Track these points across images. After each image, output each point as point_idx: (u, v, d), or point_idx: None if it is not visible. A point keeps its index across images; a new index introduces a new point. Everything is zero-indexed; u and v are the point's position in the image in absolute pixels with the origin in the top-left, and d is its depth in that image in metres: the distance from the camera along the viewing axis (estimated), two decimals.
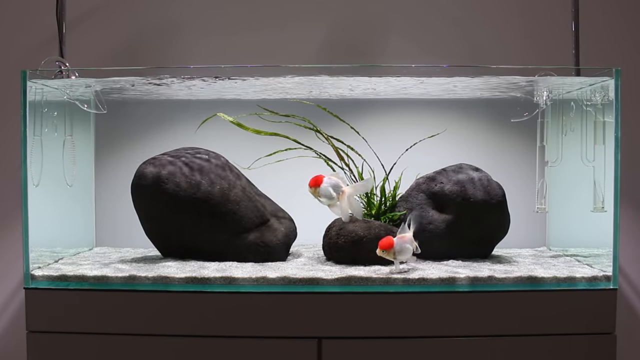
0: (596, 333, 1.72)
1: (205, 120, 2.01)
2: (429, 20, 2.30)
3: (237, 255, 1.91)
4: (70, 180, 2.09)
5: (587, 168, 1.90)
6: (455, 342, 1.72)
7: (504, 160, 2.30)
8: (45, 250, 1.96)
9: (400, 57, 2.28)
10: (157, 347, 1.72)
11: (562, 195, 2.14)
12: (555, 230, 2.25)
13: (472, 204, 1.92)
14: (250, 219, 1.93)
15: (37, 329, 1.74)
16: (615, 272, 1.75)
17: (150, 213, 1.93)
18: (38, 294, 1.75)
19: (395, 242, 1.76)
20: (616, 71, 1.75)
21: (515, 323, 1.72)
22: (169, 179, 1.89)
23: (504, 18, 2.29)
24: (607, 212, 1.84)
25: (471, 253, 1.97)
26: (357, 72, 1.91)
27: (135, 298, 1.73)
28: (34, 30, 2.28)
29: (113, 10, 2.30)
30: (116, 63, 2.27)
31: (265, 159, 2.05)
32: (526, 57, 2.26)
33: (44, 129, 1.94)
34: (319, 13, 2.30)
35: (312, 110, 2.06)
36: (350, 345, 1.71)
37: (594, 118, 1.89)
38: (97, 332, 1.73)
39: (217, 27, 2.30)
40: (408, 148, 2.05)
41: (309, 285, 1.73)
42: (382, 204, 2.03)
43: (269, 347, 1.71)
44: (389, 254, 1.76)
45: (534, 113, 2.09)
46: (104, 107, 2.14)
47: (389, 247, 1.76)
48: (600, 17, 2.26)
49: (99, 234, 2.32)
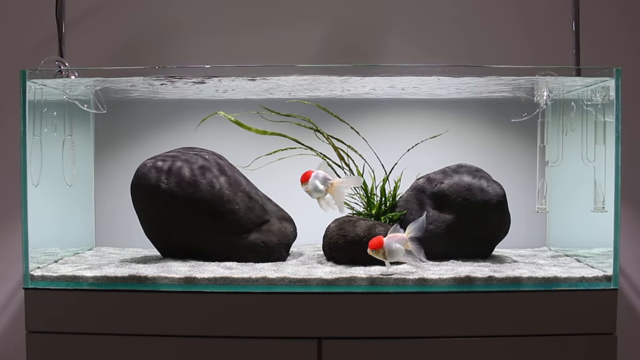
0: (596, 333, 1.72)
1: (205, 119, 2.01)
2: (429, 20, 2.30)
3: (237, 255, 1.91)
4: (69, 180, 2.09)
5: (588, 168, 1.90)
6: (456, 342, 1.71)
7: (504, 160, 2.30)
8: (44, 250, 1.96)
9: (401, 57, 2.28)
10: (157, 348, 1.72)
11: (562, 195, 2.14)
12: (556, 231, 2.25)
13: (473, 204, 1.92)
14: (250, 219, 1.93)
15: (36, 329, 1.74)
16: (616, 273, 1.75)
17: (150, 213, 1.93)
18: (37, 294, 1.75)
19: (385, 242, 1.73)
20: (617, 71, 1.75)
21: (515, 323, 1.71)
22: (169, 179, 1.89)
23: (504, 18, 2.29)
24: (607, 212, 1.83)
25: (471, 253, 1.97)
26: (357, 71, 1.90)
27: (135, 298, 1.73)
28: (34, 29, 2.28)
29: (112, 10, 2.30)
30: (116, 63, 2.27)
31: (265, 159, 2.04)
32: (526, 57, 2.26)
33: (44, 129, 1.94)
34: (318, 13, 2.30)
35: (312, 111, 2.06)
36: (351, 345, 1.71)
37: (594, 118, 1.89)
38: (96, 333, 1.73)
39: (216, 27, 2.30)
40: (410, 148, 2.04)
41: (309, 285, 1.73)
42: (382, 204, 2.03)
43: (268, 347, 1.71)
44: (378, 253, 1.74)
45: (534, 113, 2.09)
46: (103, 106, 2.14)
47: (379, 247, 1.73)
48: (600, 16, 2.26)
49: (98, 234, 2.32)
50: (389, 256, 1.73)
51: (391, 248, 1.73)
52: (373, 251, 1.74)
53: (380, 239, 1.74)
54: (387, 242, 1.73)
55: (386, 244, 1.73)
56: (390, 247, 1.73)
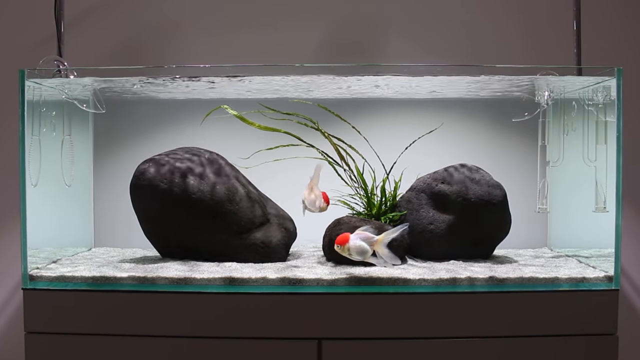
0: (598, 334, 1.71)
1: (209, 113, 1.98)
2: (430, 19, 2.29)
3: (236, 255, 1.90)
4: (68, 180, 2.08)
5: (589, 168, 1.90)
6: (456, 343, 1.71)
7: (505, 160, 2.29)
8: (43, 250, 1.95)
9: (401, 56, 2.27)
10: (156, 348, 1.71)
11: (563, 195, 2.14)
12: (557, 231, 2.24)
13: (473, 204, 1.91)
14: (250, 219, 1.92)
15: (35, 329, 1.74)
16: (617, 273, 1.74)
17: (149, 213, 1.92)
18: (36, 295, 1.74)
19: (351, 239, 1.69)
20: (618, 70, 1.74)
21: (516, 324, 1.71)
22: (168, 179, 1.88)
23: (505, 17, 2.29)
24: (608, 213, 1.83)
25: (472, 253, 1.96)
26: (357, 71, 1.90)
27: (134, 299, 1.72)
28: (32, 29, 2.27)
29: (111, 10, 2.30)
30: (114, 62, 2.27)
31: (266, 159, 2.03)
32: (527, 57, 2.25)
33: (42, 129, 1.93)
34: (318, 12, 2.30)
35: (313, 111, 2.05)
36: (351, 346, 1.70)
37: (595, 117, 1.89)
38: (95, 333, 1.72)
39: (215, 26, 2.30)
40: (407, 147, 2.04)
41: (309, 285, 1.73)
42: (383, 204, 2.02)
43: (268, 348, 1.70)
44: (343, 250, 1.70)
45: (535, 113, 2.09)
46: (102, 106, 2.13)
47: (343, 243, 1.70)
48: (602, 16, 2.25)
49: (97, 234, 2.31)
50: (353, 253, 1.70)
51: (355, 246, 1.69)
52: (339, 247, 1.71)
53: (346, 235, 1.71)
54: (352, 240, 1.70)
55: (351, 241, 1.70)
56: (354, 244, 1.69)
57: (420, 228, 1.94)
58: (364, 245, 1.70)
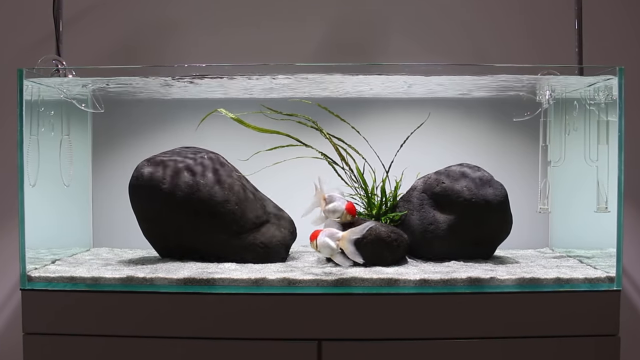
0: (599, 335, 1.71)
1: (205, 117, 1.98)
2: (431, 19, 2.29)
3: (236, 256, 1.90)
4: (67, 180, 2.08)
5: (591, 168, 1.89)
6: (457, 344, 1.70)
7: (506, 160, 2.29)
8: (42, 251, 1.95)
9: (401, 56, 2.27)
10: (155, 349, 1.71)
11: (565, 195, 2.13)
12: (558, 231, 2.23)
13: (474, 204, 1.90)
14: (250, 220, 1.91)
15: (33, 330, 1.73)
16: (619, 274, 1.74)
17: (148, 213, 1.91)
18: (35, 296, 1.74)
19: (319, 236, 1.73)
20: (620, 70, 1.74)
21: (517, 325, 1.70)
22: (167, 179, 1.87)
23: (507, 16, 2.28)
24: (610, 213, 1.82)
25: (473, 254, 1.95)
26: (357, 70, 1.89)
27: (133, 299, 1.71)
28: (31, 28, 2.27)
29: (110, 9, 2.29)
30: (113, 62, 2.26)
31: (265, 163, 2.02)
32: (529, 56, 2.25)
33: (41, 129, 1.93)
34: (318, 12, 2.29)
35: (313, 111, 2.04)
36: (351, 347, 1.70)
37: (597, 117, 1.88)
38: (94, 334, 1.72)
39: (214, 26, 2.29)
40: (402, 144, 2.03)
41: (308, 286, 1.72)
42: (383, 204, 2.01)
43: (268, 349, 1.70)
44: (313, 245, 1.75)
45: (537, 112, 2.08)
46: (101, 106, 2.13)
47: (312, 239, 1.74)
48: (603, 15, 2.25)
49: (96, 235, 2.31)
50: (320, 249, 1.73)
51: (320, 242, 1.73)
52: (311, 243, 1.75)
53: (316, 232, 1.75)
54: (319, 236, 1.73)
55: (318, 237, 1.73)
56: (320, 241, 1.73)
57: (421, 228, 1.93)
58: (327, 241, 1.72)
